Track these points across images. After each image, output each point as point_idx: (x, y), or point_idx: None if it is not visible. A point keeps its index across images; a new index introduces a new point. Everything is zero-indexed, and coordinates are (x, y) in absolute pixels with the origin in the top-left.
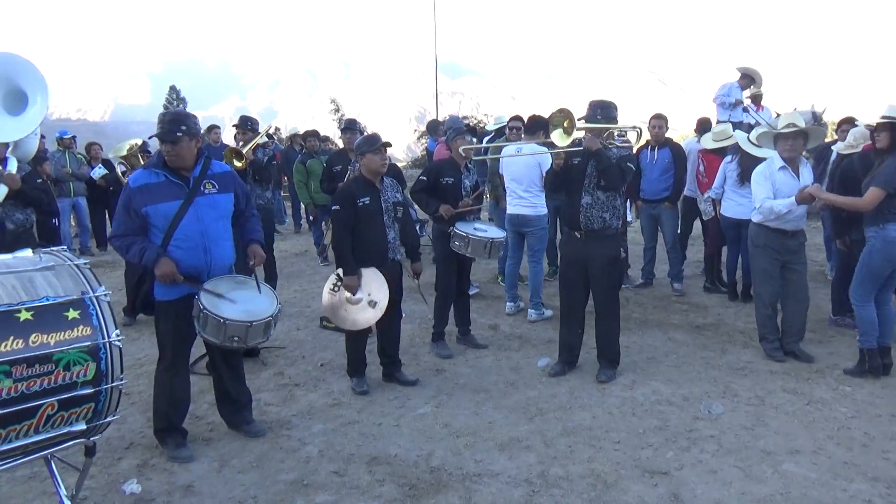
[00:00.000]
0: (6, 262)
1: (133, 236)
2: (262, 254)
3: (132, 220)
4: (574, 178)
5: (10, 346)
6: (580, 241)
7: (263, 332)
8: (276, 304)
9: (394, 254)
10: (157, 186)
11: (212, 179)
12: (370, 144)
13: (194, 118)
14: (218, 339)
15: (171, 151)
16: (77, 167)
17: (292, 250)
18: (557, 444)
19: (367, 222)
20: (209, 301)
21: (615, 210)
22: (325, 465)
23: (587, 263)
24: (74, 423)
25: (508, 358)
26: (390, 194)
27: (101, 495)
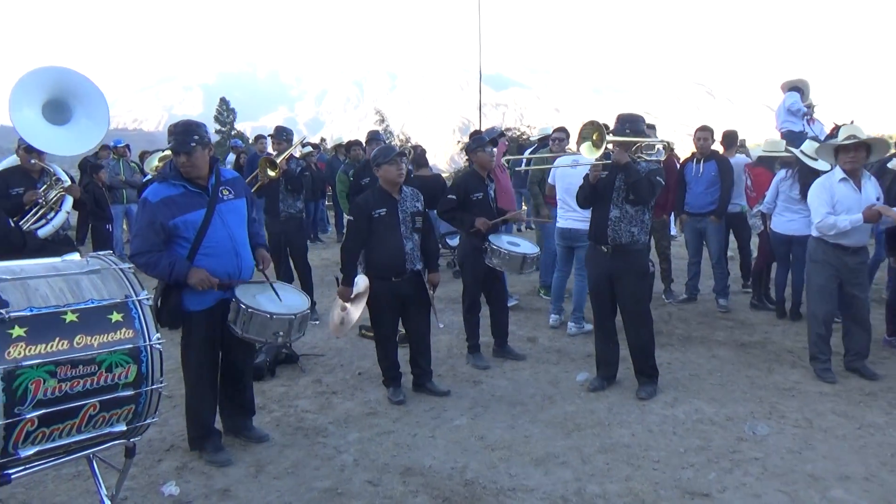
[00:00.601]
0: (55, 265)
1: (158, 252)
2: (268, 257)
3: (156, 235)
4: (602, 191)
5: (55, 347)
6: (607, 256)
7: (300, 327)
8: (307, 299)
9: (412, 264)
10: (180, 198)
11: (226, 186)
12: (385, 156)
13: (205, 127)
14: (263, 337)
15: (187, 162)
16: (130, 175)
17: (333, 259)
18: (595, 460)
19: (382, 233)
20: (251, 300)
21: (644, 225)
22: (360, 474)
23: (614, 278)
24: (115, 424)
25: (546, 371)
26: (409, 204)
27: (140, 496)
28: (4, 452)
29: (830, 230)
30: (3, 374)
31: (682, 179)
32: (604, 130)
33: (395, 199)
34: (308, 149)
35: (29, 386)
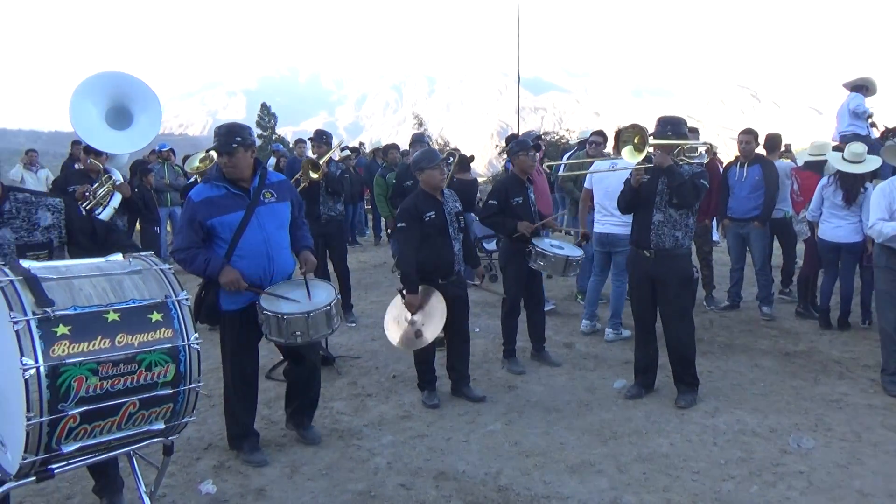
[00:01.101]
0: (99, 265)
1: (196, 249)
2: (312, 260)
3: (196, 233)
4: (644, 195)
5: (97, 346)
6: (649, 261)
7: (326, 324)
8: (335, 295)
9: (459, 265)
10: (220, 199)
11: (270, 189)
12: (430, 160)
13: (249, 130)
14: (283, 338)
15: (228, 163)
16: (174, 178)
17: (371, 262)
18: (631, 470)
19: (435, 236)
20: (269, 303)
21: (688, 229)
22: (393, 477)
23: (656, 284)
24: (154, 423)
25: (583, 377)
26: (451, 205)
27: (178, 493)
28: (48, 448)
29: (879, 237)
30: (47, 370)
31: (726, 184)
32: (645, 133)
33: (440, 201)
34: (346, 152)
35: (72, 383)
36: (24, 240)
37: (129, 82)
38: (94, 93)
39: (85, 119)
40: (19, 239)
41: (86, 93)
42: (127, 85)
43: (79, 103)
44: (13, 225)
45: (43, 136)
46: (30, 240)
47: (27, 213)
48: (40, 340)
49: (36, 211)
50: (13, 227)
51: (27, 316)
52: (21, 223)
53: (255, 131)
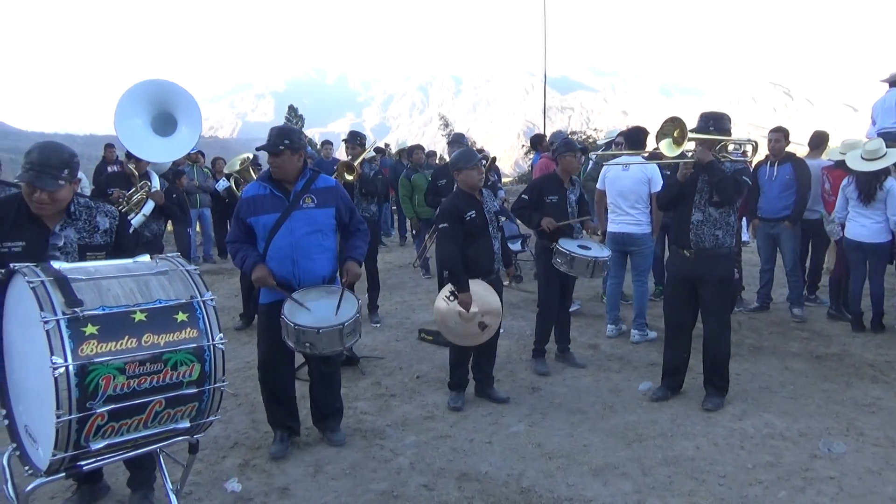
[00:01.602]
0: (126, 266)
1: (241, 243)
2: (355, 271)
3: (240, 228)
4: (684, 193)
5: (124, 345)
6: (689, 260)
7: (339, 340)
8: (354, 314)
9: (499, 264)
10: (262, 199)
11: (313, 194)
12: (467, 160)
13: (299, 133)
14: (294, 344)
15: (274, 163)
16: (203, 180)
17: (396, 262)
18: (656, 473)
19: (475, 235)
20: (289, 308)
21: (729, 227)
22: (416, 477)
23: (696, 284)
24: (179, 421)
25: (608, 379)
26: (490, 205)
27: (205, 491)
28: (77, 444)
29: None
30: (76, 369)
31: (756, 183)
32: (685, 127)
33: (479, 200)
34: (372, 153)
35: (100, 382)
36: (86, 240)
37: (172, 90)
38: (139, 101)
39: (130, 127)
40: (81, 239)
41: (131, 101)
42: (171, 93)
43: (124, 111)
44: (77, 226)
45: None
46: (90, 241)
47: (88, 216)
48: (69, 340)
49: (95, 215)
50: (76, 228)
51: (57, 316)
52: (83, 225)
53: None
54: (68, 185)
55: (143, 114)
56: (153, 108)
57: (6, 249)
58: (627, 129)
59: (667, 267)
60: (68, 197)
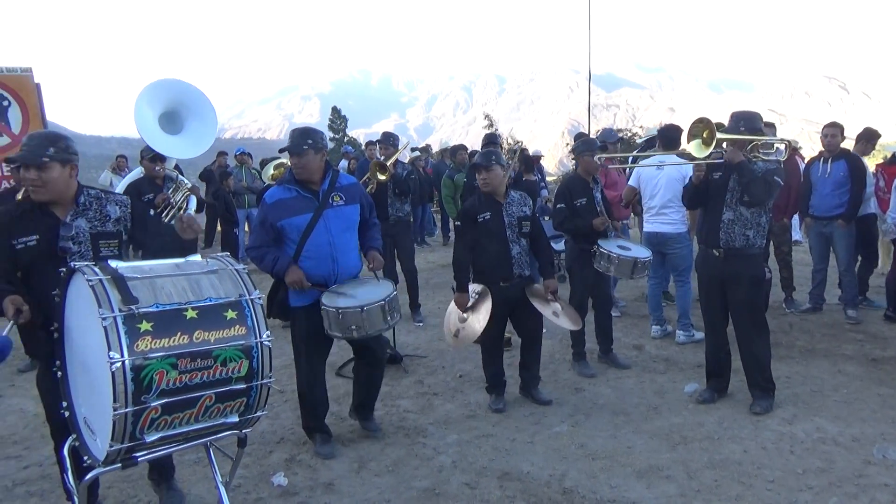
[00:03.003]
0: (178, 265)
1: (266, 248)
2: (380, 259)
3: (267, 233)
4: (714, 192)
5: (177, 341)
6: (719, 260)
7: (382, 318)
8: (392, 290)
9: (520, 269)
10: (290, 201)
11: (339, 192)
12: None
13: (321, 134)
14: (341, 333)
15: (298, 164)
16: (251, 181)
17: (439, 262)
18: (702, 476)
19: (488, 238)
20: (329, 299)
21: (760, 228)
22: (458, 476)
23: (726, 284)
24: (229, 416)
25: (652, 381)
26: (516, 209)
27: (252, 484)
28: (132, 436)
29: None
30: (132, 364)
31: (808, 180)
32: (714, 128)
33: (499, 203)
34: (416, 153)
35: (154, 376)
36: (98, 229)
37: (182, 89)
38: (151, 99)
39: (146, 125)
40: (93, 228)
41: (145, 99)
42: (181, 92)
43: (140, 110)
44: (87, 216)
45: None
46: (102, 229)
47: (98, 205)
48: (126, 336)
49: (105, 205)
50: (87, 218)
51: (114, 313)
52: (94, 214)
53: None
54: (59, 167)
55: (153, 110)
56: (162, 107)
57: (22, 245)
58: (662, 127)
59: (696, 267)
60: (60, 178)
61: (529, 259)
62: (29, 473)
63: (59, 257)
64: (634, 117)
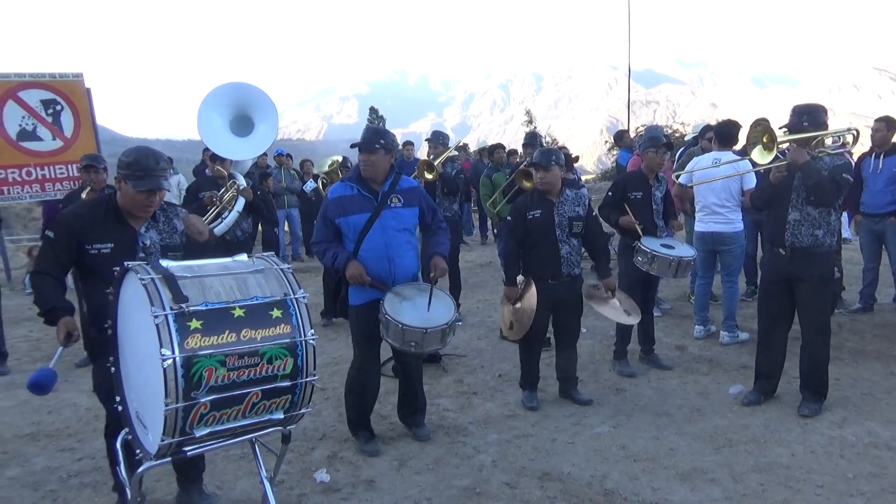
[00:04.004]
0: (226, 264)
1: (328, 243)
2: (443, 266)
3: (328, 228)
4: (779, 192)
5: (225, 339)
6: (785, 260)
7: (440, 339)
8: (454, 313)
9: (570, 268)
10: (350, 199)
11: (399, 194)
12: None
13: (393, 136)
14: (398, 344)
15: (367, 161)
16: (290, 182)
17: (477, 261)
18: (748, 480)
19: (537, 235)
20: (392, 307)
21: (829, 227)
22: (498, 475)
23: (793, 284)
24: (274, 412)
25: (696, 382)
26: (568, 208)
27: (296, 480)
28: (182, 431)
29: None
30: (182, 361)
31: (859, 176)
32: (773, 131)
33: (551, 202)
34: (454, 153)
35: (203, 373)
36: (167, 241)
37: (250, 92)
38: (219, 103)
39: (210, 127)
40: (163, 240)
41: (212, 103)
42: (249, 94)
43: (205, 113)
44: (158, 227)
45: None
46: (170, 241)
47: (166, 218)
48: (176, 333)
49: (172, 218)
50: (158, 230)
51: (165, 311)
52: (163, 226)
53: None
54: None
55: (222, 115)
56: (231, 109)
57: (96, 251)
58: (717, 124)
59: (761, 266)
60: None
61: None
62: (82, 465)
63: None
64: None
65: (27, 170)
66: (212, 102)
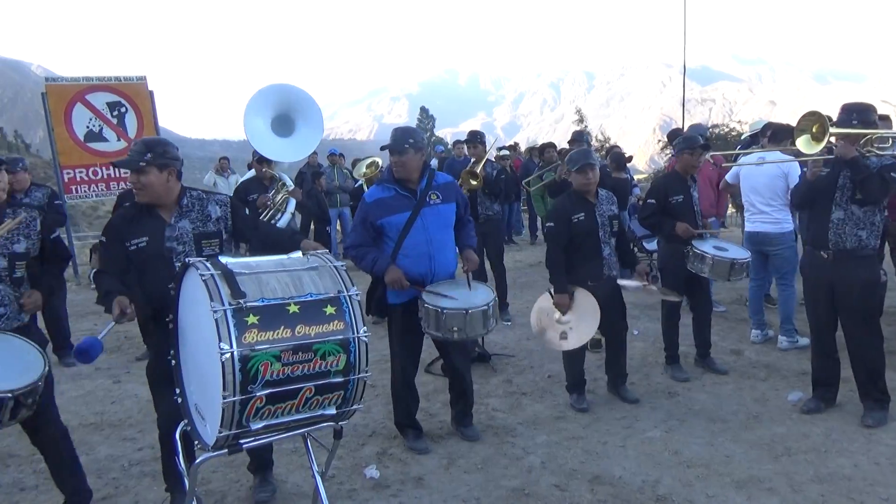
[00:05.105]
0: (282, 261)
1: (366, 247)
2: (474, 258)
3: (367, 232)
4: (822, 190)
5: (280, 335)
6: (828, 262)
7: (483, 323)
8: (493, 296)
9: (609, 270)
10: (390, 200)
11: (436, 190)
12: (574, 163)
13: (422, 134)
14: (440, 333)
15: (398, 162)
16: (343, 180)
17: (527, 261)
18: (807, 490)
19: (582, 238)
20: (430, 298)
21: (874, 227)
22: (547, 477)
23: (836, 288)
24: (327, 408)
25: (752, 387)
26: (605, 208)
27: (346, 475)
28: (239, 424)
29: None
30: (240, 356)
31: None
32: (826, 122)
33: (591, 202)
34: (504, 152)
35: (259, 367)
36: (200, 229)
37: (293, 93)
38: (262, 104)
39: (255, 129)
40: (196, 229)
41: (256, 105)
42: (291, 96)
43: (250, 114)
44: (190, 216)
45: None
46: (204, 229)
47: (200, 206)
48: (234, 328)
49: (207, 205)
50: (190, 219)
51: (224, 306)
52: (196, 215)
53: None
54: (156, 172)
55: (264, 116)
56: (273, 110)
57: (134, 246)
58: (775, 125)
59: (801, 269)
60: (158, 183)
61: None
62: (143, 455)
63: (167, 257)
64: (731, 112)
65: (93, 169)
66: (256, 104)
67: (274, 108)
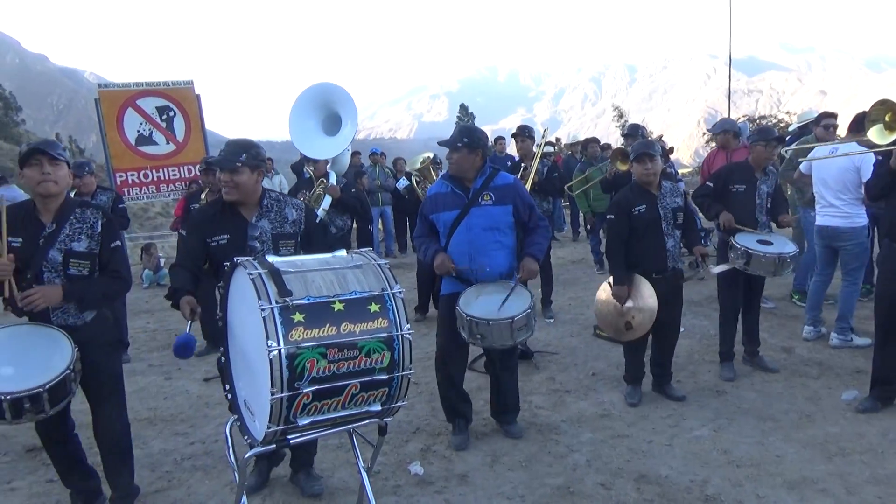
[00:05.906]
0: (327, 260)
1: (426, 237)
2: (531, 268)
3: (425, 224)
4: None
5: (326, 332)
6: None
7: (509, 334)
8: (524, 309)
9: (674, 262)
10: (443, 196)
11: (491, 191)
12: (634, 152)
13: (478, 132)
14: (466, 335)
15: (450, 158)
16: (384, 179)
17: (569, 258)
18: (863, 492)
19: (643, 230)
20: (466, 299)
21: None
22: (592, 475)
23: None
24: (372, 404)
25: (804, 386)
26: (669, 200)
27: (390, 471)
28: (287, 420)
29: None
30: (287, 353)
31: None
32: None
33: (653, 195)
34: (549, 148)
35: (306, 364)
36: (278, 230)
37: (335, 91)
38: (309, 104)
39: (302, 129)
40: (274, 229)
41: (303, 105)
42: (334, 94)
43: (297, 116)
44: (269, 217)
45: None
46: (282, 230)
47: (279, 208)
48: (281, 326)
49: (284, 207)
50: (269, 220)
51: (272, 304)
52: (275, 216)
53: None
54: (248, 172)
55: (315, 116)
56: (322, 110)
57: (215, 243)
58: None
59: (878, 263)
60: (249, 183)
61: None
62: (194, 449)
63: (247, 255)
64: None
65: (144, 172)
66: (303, 105)
67: (322, 107)
